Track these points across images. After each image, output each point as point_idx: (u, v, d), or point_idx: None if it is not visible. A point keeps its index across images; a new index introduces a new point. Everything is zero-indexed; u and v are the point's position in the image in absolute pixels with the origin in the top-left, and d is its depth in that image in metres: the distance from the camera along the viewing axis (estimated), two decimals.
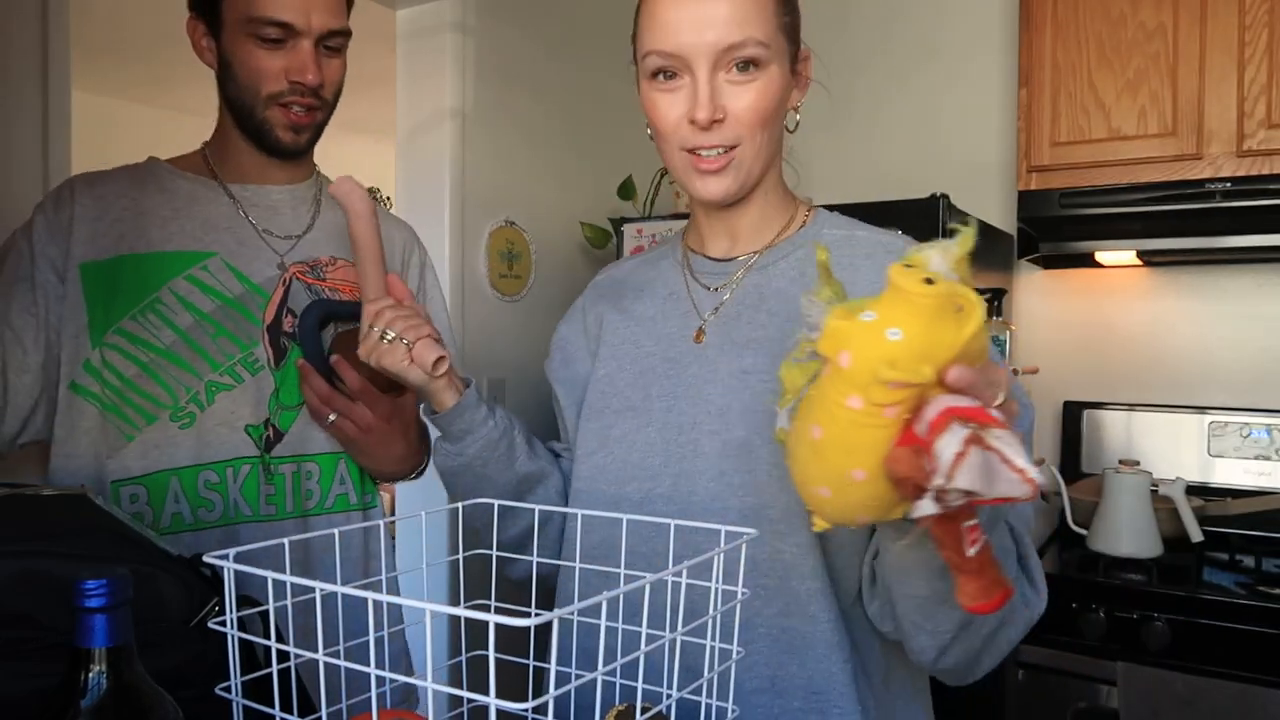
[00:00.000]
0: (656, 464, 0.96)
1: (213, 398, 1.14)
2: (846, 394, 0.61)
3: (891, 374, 0.59)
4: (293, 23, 1.11)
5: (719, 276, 1.01)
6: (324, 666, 0.62)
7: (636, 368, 1.01)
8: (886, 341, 0.60)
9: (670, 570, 0.65)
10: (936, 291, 0.59)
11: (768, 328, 0.95)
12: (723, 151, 0.91)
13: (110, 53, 4.14)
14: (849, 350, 0.61)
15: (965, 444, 0.57)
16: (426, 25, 2.20)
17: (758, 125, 0.90)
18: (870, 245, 0.98)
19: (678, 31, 0.88)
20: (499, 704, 0.54)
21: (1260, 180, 1.95)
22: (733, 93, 0.89)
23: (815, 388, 0.65)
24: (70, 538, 0.76)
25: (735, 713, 0.71)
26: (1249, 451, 2.23)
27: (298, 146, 1.20)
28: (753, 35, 0.87)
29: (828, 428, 0.63)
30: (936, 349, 0.60)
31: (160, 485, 1.12)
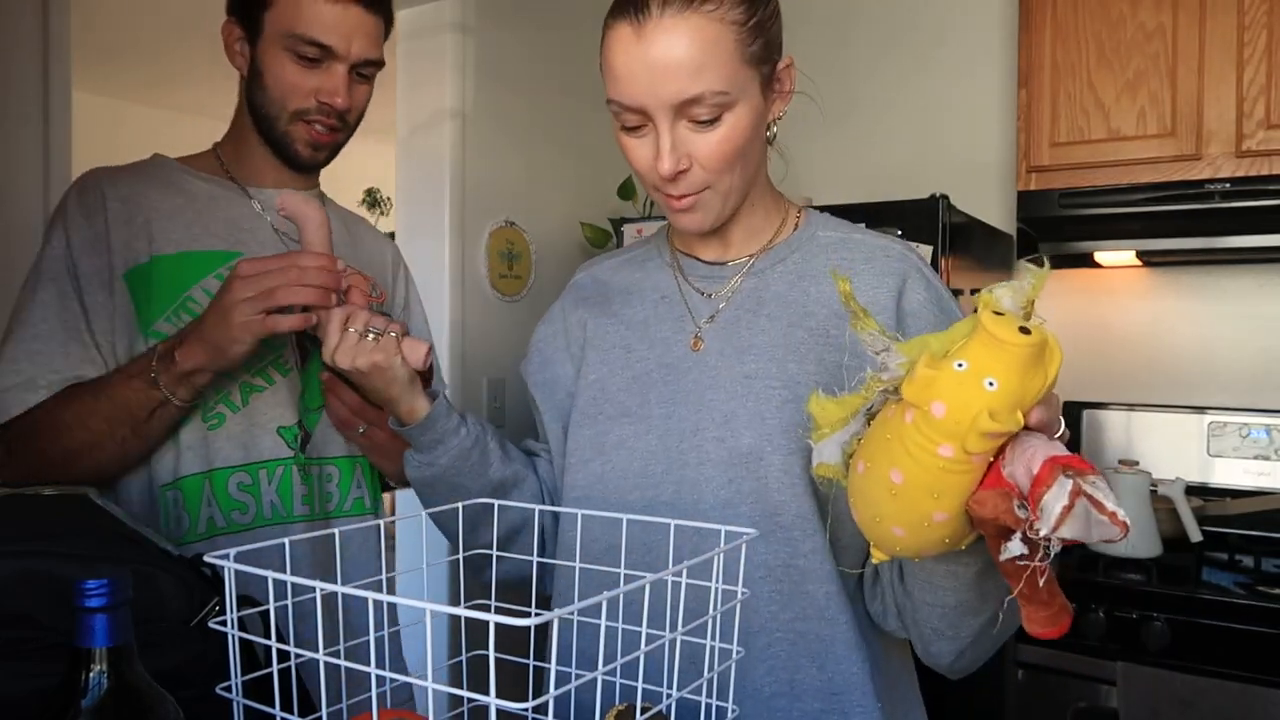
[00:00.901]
0: (659, 471, 0.94)
1: (247, 399, 1.14)
2: (938, 442, 0.61)
3: (991, 426, 0.59)
4: (334, 46, 1.12)
5: (714, 281, 1.00)
6: (323, 667, 0.62)
7: (630, 373, 0.99)
8: (984, 393, 0.60)
9: (670, 570, 0.65)
10: (1032, 342, 0.60)
11: (768, 332, 0.94)
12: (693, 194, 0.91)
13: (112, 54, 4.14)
14: (943, 401, 0.61)
15: (1072, 497, 0.58)
16: (426, 25, 2.20)
17: (724, 168, 0.89)
18: (869, 249, 0.97)
19: (632, 84, 0.85)
20: (499, 704, 0.54)
21: (1259, 180, 1.95)
22: (696, 140, 0.87)
23: (889, 430, 0.64)
24: (70, 538, 0.76)
25: (735, 712, 0.71)
26: (1248, 451, 2.23)
27: (315, 163, 1.21)
28: (710, 88, 0.84)
29: (911, 473, 0.63)
30: (1027, 396, 0.61)
31: (194, 489, 1.12)
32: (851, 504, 0.70)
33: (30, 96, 1.54)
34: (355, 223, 1.37)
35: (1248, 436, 2.23)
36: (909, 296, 0.94)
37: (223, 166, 1.23)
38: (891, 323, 0.92)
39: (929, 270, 0.97)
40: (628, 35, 0.84)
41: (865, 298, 0.92)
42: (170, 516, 1.11)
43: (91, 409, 1.05)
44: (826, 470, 0.71)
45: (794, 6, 3.13)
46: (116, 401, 1.05)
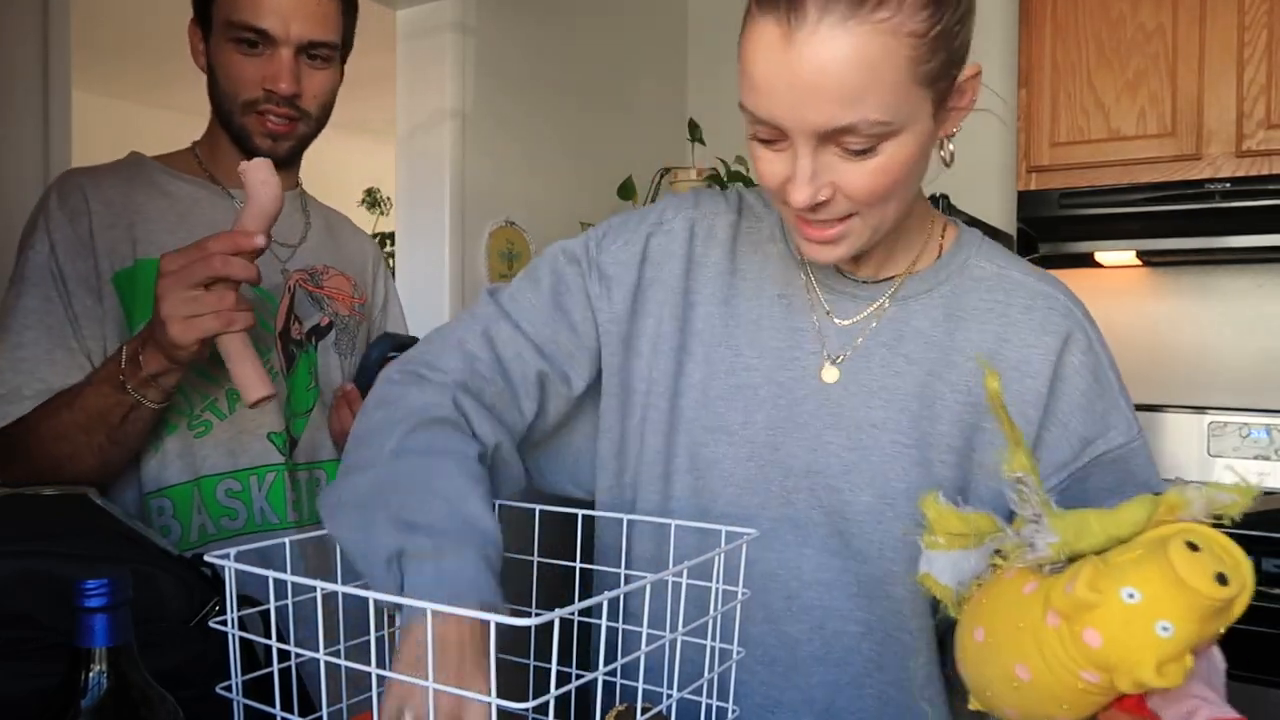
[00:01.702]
0: (753, 504, 0.84)
1: (234, 405, 1.13)
2: (1084, 668, 0.53)
3: (1157, 681, 0.51)
4: (270, 30, 1.10)
5: (846, 298, 0.86)
6: (324, 666, 0.62)
7: (733, 381, 0.86)
8: (1155, 639, 0.51)
9: (670, 570, 0.65)
10: (1229, 596, 0.51)
11: (903, 375, 0.83)
12: (836, 224, 0.76)
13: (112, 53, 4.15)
14: (1102, 633, 0.52)
15: None
16: (426, 25, 2.20)
17: (875, 202, 0.74)
18: (1029, 294, 0.85)
19: (772, 98, 0.69)
20: (500, 704, 0.54)
21: (1259, 180, 1.95)
22: (843, 169, 0.71)
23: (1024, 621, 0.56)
24: (70, 538, 0.76)
25: (736, 713, 0.71)
26: (1249, 451, 2.23)
27: (276, 154, 1.16)
28: (868, 116, 0.68)
29: (1043, 678, 0.55)
30: (1203, 642, 0.53)
31: (184, 497, 1.11)
32: (959, 660, 0.62)
33: (30, 96, 1.54)
34: (337, 221, 1.36)
35: (1248, 436, 2.23)
36: (1066, 359, 0.83)
37: (201, 166, 1.22)
38: (1043, 390, 0.82)
39: (1092, 329, 0.85)
40: (774, 39, 0.68)
41: (1018, 354, 0.82)
42: (158, 526, 1.10)
43: (68, 420, 1.03)
44: (933, 586, 0.63)
45: None
46: (89, 409, 1.02)
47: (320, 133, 1.22)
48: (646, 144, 2.74)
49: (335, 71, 1.19)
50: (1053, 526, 0.57)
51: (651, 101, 2.81)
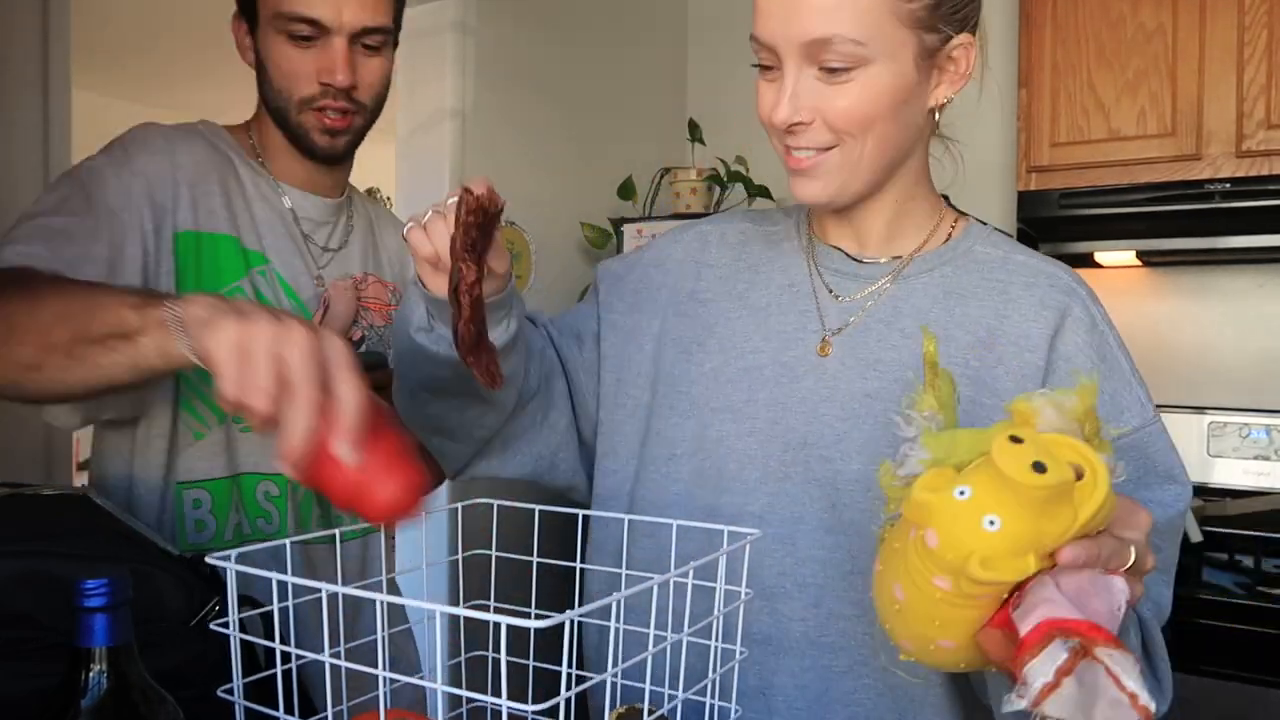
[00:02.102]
0: (753, 479, 0.86)
1: None
2: (934, 573, 0.54)
3: (984, 574, 0.52)
4: (322, 19, 1.06)
5: (849, 279, 0.90)
6: (328, 668, 0.62)
7: (742, 364, 0.89)
8: (981, 533, 0.52)
9: (676, 571, 0.65)
10: (1046, 484, 0.50)
11: (899, 350, 0.85)
12: (814, 153, 0.81)
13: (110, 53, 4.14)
14: (938, 531, 0.53)
15: (1058, 674, 0.49)
16: (426, 25, 2.20)
17: (854, 130, 0.79)
18: (1031, 272, 0.87)
19: (768, 17, 0.78)
20: (511, 706, 0.54)
21: (1259, 181, 1.95)
22: (823, 93, 0.78)
23: (899, 540, 0.57)
24: (70, 538, 0.76)
25: (738, 713, 0.71)
26: (1248, 451, 2.23)
27: (334, 150, 1.15)
28: (842, 31, 0.75)
29: (911, 595, 0.56)
30: (1044, 539, 0.52)
31: (223, 491, 1.09)
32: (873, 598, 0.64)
33: (30, 96, 1.54)
34: (383, 220, 1.33)
35: (1248, 436, 2.23)
36: (1066, 337, 0.84)
37: (255, 153, 1.18)
38: (1041, 363, 0.83)
39: (1097, 307, 0.87)
40: None
41: (1017, 329, 0.84)
42: (192, 519, 1.07)
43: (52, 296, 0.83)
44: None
45: None
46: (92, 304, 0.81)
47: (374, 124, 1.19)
48: (646, 144, 2.74)
49: (388, 58, 1.15)
50: (925, 444, 0.58)
51: (651, 101, 2.81)
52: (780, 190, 2.58)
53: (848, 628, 0.83)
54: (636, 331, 0.95)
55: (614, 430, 0.95)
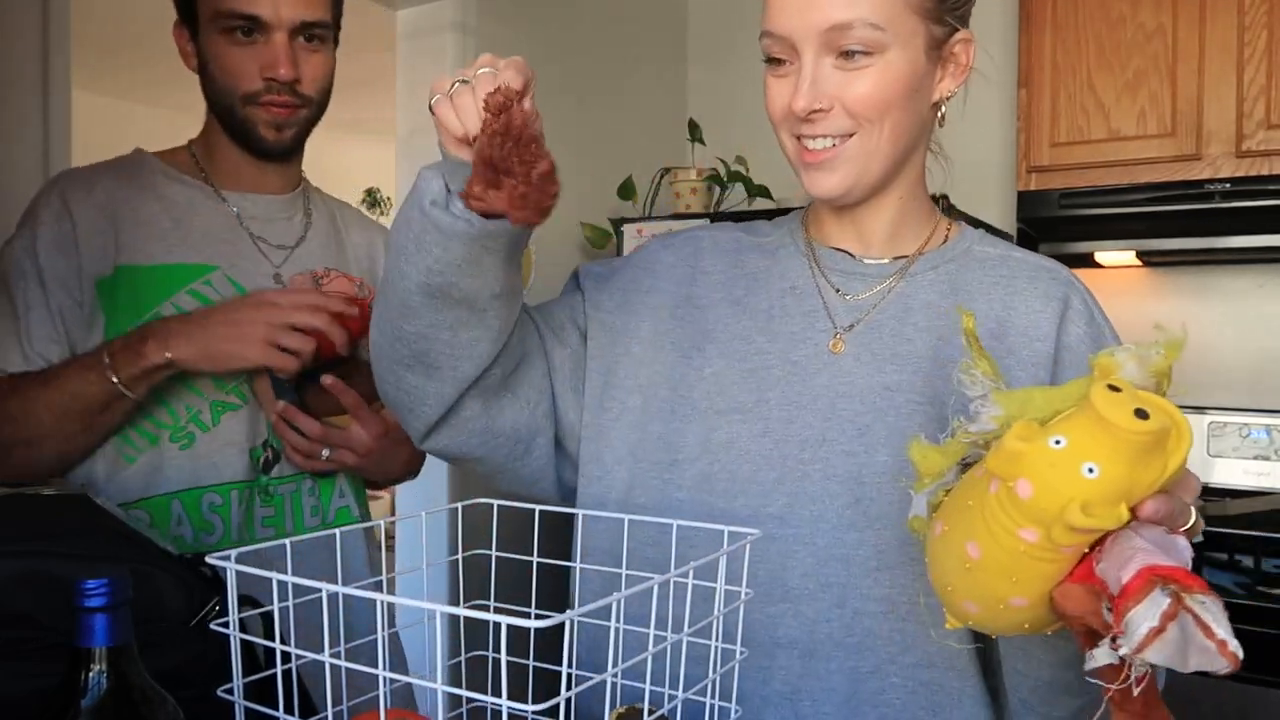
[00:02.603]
0: (770, 479, 0.85)
1: (218, 418, 1.12)
2: (1021, 525, 0.53)
3: (1083, 521, 0.51)
4: (262, 15, 1.08)
5: (853, 279, 0.90)
6: (329, 668, 0.62)
7: (747, 365, 0.89)
8: (1081, 480, 0.52)
9: (676, 570, 0.65)
10: (1149, 429, 0.51)
11: (914, 342, 0.86)
12: (832, 144, 0.82)
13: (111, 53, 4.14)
14: (1031, 481, 0.53)
15: (1164, 619, 0.49)
16: (426, 25, 2.20)
17: (873, 115, 0.80)
18: (1031, 268, 0.89)
19: (784, 11, 0.80)
20: (511, 706, 0.54)
21: (1259, 181, 1.95)
22: (841, 80, 0.80)
23: (973, 498, 0.57)
24: (70, 538, 0.76)
25: (738, 713, 0.71)
26: (1248, 452, 2.23)
27: (282, 144, 1.16)
28: (862, 15, 0.77)
29: (989, 550, 0.55)
30: (1137, 489, 0.53)
31: (162, 509, 1.10)
32: (928, 564, 0.63)
33: (30, 96, 1.54)
34: (345, 215, 1.33)
35: (1248, 436, 2.23)
36: (1069, 328, 0.86)
37: (198, 165, 1.20)
38: (1050, 352, 0.85)
39: (1092, 300, 0.90)
40: None
41: (1024, 320, 0.86)
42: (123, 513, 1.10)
43: (39, 398, 1.02)
44: (918, 524, 0.64)
45: None
46: (68, 392, 1.02)
47: (321, 119, 1.19)
48: (646, 144, 2.74)
49: (331, 52, 1.16)
50: (996, 400, 0.58)
51: (651, 101, 2.81)
52: (780, 190, 2.58)
53: (874, 626, 0.81)
54: (624, 333, 0.93)
55: (599, 435, 0.92)
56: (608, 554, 0.86)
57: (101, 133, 3.85)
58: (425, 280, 0.77)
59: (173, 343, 1.02)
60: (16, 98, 1.52)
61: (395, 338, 0.82)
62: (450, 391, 0.84)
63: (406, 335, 0.81)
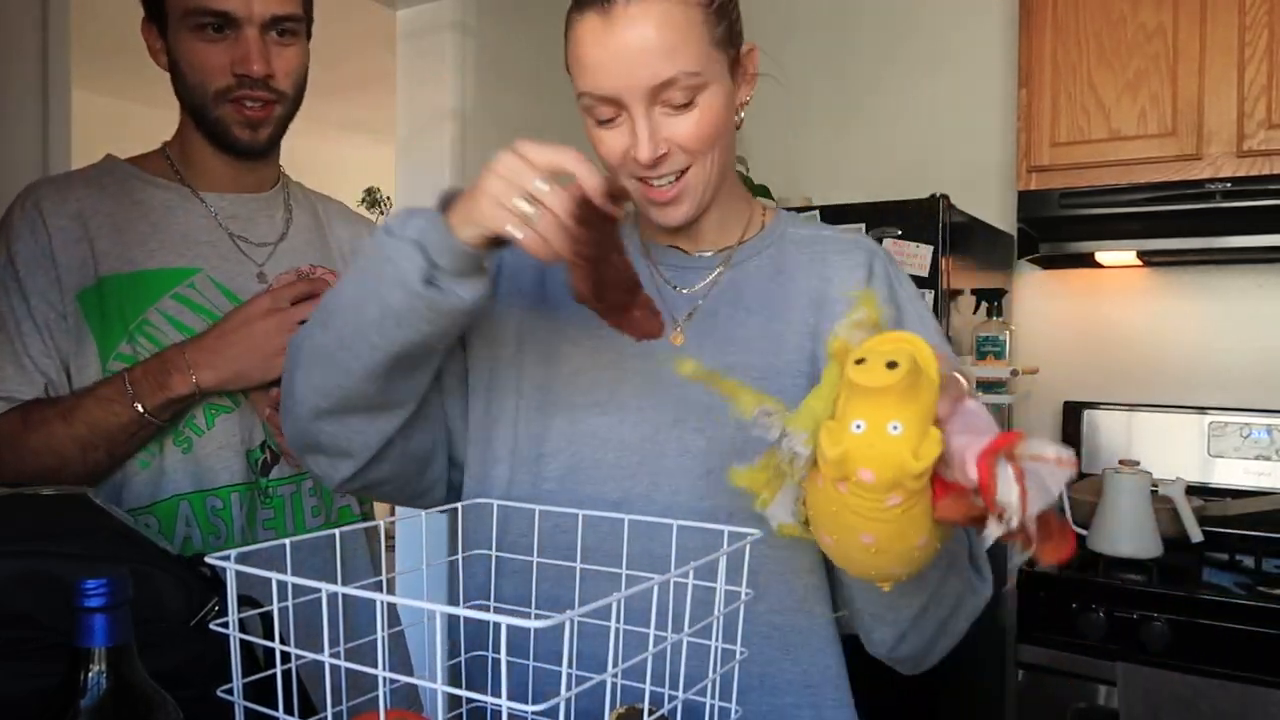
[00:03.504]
0: (633, 462, 0.92)
1: (212, 421, 1.12)
2: (884, 498, 0.62)
3: (920, 465, 0.60)
4: (232, 11, 1.07)
5: (686, 272, 0.98)
6: (328, 668, 0.62)
7: (601, 359, 0.95)
8: (896, 439, 0.60)
9: (676, 571, 0.65)
10: (905, 372, 0.60)
11: (747, 325, 0.94)
12: (674, 180, 0.89)
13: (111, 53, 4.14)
14: (868, 466, 0.61)
15: (1019, 481, 0.59)
16: (426, 25, 2.20)
17: (705, 148, 0.88)
18: (842, 243, 0.98)
19: (606, 74, 0.84)
20: (511, 706, 0.54)
21: (1260, 180, 1.95)
22: (672, 124, 0.86)
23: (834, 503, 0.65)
24: (70, 538, 0.76)
25: (738, 713, 0.71)
26: (1249, 452, 2.23)
27: (256, 143, 1.14)
28: (683, 69, 0.83)
29: (877, 530, 0.63)
30: (928, 412, 0.62)
31: (170, 512, 1.10)
32: (839, 566, 0.72)
33: (30, 96, 1.53)
34: (329, 210, 1.32)
35: (1248, 436, 2.23)
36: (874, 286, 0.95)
37: (173, 168, 1.18)
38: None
39: (892, 264, 0.99)
40: (596, 25, 0.83)
41: (840, 287, 0.95)
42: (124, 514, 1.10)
43: (62, 433, 1.03)
44: (792, 531, 0.71)
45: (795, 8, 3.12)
46: (93, 426, 1.03)
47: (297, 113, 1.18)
48: None
49: (303, 46, 1.15)
50: (792, 427, 0.67)
51: None
52: (781, 190, 2.58)
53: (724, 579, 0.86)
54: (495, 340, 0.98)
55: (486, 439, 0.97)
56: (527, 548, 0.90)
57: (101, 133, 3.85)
58: (401, 352, 0.80)
59: (198, 373, 1.04)
60: (16, 98, 1.52)
61: (349, 393, 0.84)
62: (391, 426, 0.88)
63: (364, 390, 0.83)
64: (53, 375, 1.07)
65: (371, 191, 6.09)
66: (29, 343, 1.07)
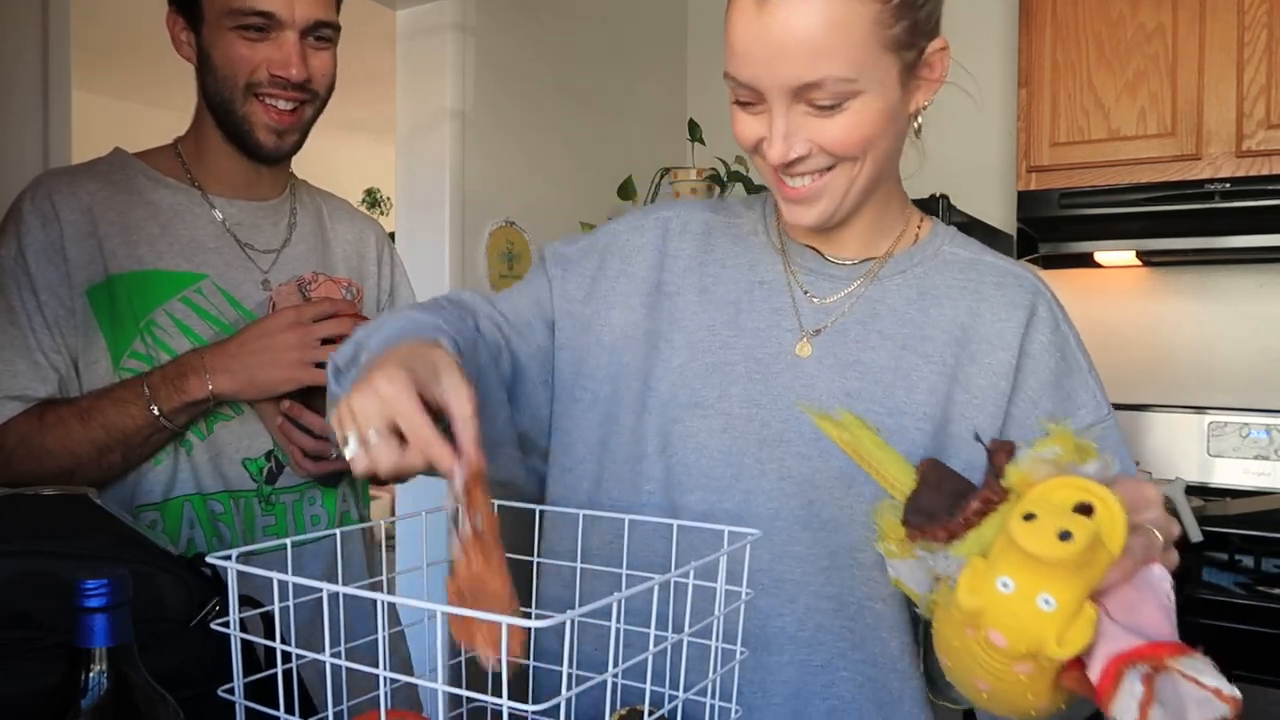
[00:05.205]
0: (726, 475, 0.85)
1: (211, 426, 1.12)
2: (1012, 663, 0.56)
3: (1062, 651, 0.53)
4: (276, 12, 1.07)
5: (824, 279, 0.90)
6: (329, 668, 0.62)
7: (710, 359, 0.88)
8: (1043, 615, 0.53)
9: (677, 571, 0.65)
10: (1078, 549, 0.52)
11: (878, 350, 0.86)
12: (812, 179, 0.81)
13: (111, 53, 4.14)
14: (999, 630, 0.55)
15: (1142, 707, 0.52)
16: (426, 25, 2.19)
17: (852, 154, 0.80)
18: (999, 273, 0.89)
19: (748, 60, 0.77)
20: (511, 706, 0.54)
21: (1259, 180, 1.95)
22: (817, 126, 0.78)
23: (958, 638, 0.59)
24: (70, 538, 0.76)
25: (738, 713, 0.71)
26: (1248, 451, 2.23)
27: (280, 150, 1.15)
28: (832, 74, 0.75)
29: (996, 684, 0.58)
30: (1091, 588, 0.54)
31: (175, 511, 1.10)
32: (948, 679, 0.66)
33: (30, 96, 1.53)
34: (334, 209, 1.32)
35: (1248, 436, 2.23)
36: (1033, 336, 0.86)
37: (184, 167, 1.18)
38: (1013, 361, 0.85)
39: (1059, 309, 0.90)
40: (750, 8, 0.76)
41: (990, 329, 0.87)
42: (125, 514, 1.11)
43: (79, 434, 1.04)
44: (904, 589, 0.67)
45: None
46: (109, 428, 1.04)
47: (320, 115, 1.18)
48: (646, 144, 2.73)
49: (334, 52, 1.16)
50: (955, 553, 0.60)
51: (651, 101, 2.81)
52: None
53: (824, 622, 0.83)
54: (594, 322, 0.92)
55: (571, 424, 0.92)
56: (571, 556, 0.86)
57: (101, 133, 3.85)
58: None
59: (215, 379, 1.05)
60: (16, 98, 1.52)
61: None
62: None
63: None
64: (64, 371, 1.08)
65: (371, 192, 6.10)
66: (41, 338, 1.07)
